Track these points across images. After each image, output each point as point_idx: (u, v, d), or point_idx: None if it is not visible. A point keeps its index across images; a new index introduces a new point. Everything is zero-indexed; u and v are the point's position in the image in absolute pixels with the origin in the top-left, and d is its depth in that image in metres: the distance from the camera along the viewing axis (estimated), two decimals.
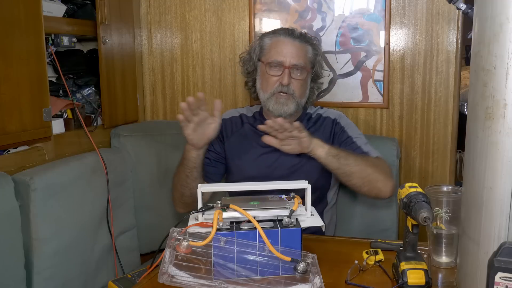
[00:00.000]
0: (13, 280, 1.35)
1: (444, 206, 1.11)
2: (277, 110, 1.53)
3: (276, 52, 1.53)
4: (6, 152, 1.49)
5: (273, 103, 1.53)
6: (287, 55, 1.52)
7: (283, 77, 1.51)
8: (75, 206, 1.55)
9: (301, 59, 1.53)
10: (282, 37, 1.55)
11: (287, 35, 1.55)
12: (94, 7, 1.83)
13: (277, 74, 1.52)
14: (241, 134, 1.62)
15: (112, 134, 1.93)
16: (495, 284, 0.82)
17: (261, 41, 1.59)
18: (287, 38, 1.55)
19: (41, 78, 1.55)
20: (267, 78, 1.54)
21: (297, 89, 1.53)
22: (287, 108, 1.53)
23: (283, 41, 1.54)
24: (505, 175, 0.81)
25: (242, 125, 1.64)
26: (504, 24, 0.78)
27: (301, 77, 1.54)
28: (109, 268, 1.73)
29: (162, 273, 0.98)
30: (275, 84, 1.52)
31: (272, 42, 1.56)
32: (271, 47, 1.55)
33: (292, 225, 1.06)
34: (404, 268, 1.00)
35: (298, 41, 1.55)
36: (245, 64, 1.64)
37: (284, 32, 1.57)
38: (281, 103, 1.52)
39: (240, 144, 1.60)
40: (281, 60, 1.51)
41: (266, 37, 1.59)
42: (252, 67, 1.61)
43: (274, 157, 1.56)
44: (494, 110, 0.81)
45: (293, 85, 1.52)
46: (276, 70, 1.53)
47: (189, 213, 1.13)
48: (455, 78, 1.86)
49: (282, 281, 1.01)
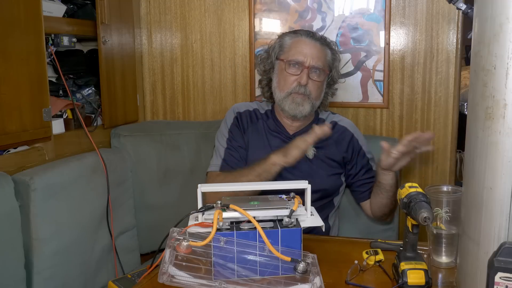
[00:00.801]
0: (13, 280, 1.35)
1: (444, 206, 1.11)
2: (293, 110, 1.53)
3: (297, 52, 1.53)
4: (6, 152, 1.49)
5: (289, 103, 1.53)
6: (307, 55, 1.52)
7: (301, 77, 1.51)
8: (75, 206, 1.55)
9: (321, 61, 1.53)
10: (303, 38, 1.56)
11: (308, 36, 1.56)
12: (94, 7, 1.82)
13: (296, 74, 1.52)
14: (255, 129, 1.62)
15: (112, 134, 1.93)
16: (495, 284, 0.82)
17: (281, 40, 1.59)
18: (308, 39, 1.55)
19: (41, 78, 1.55)
20: (285, 76, 1.53)
21: (314, 90, 1.53)
22: (303, 108, 1.53)
23: (304, 41, 1.55)
24: (505, 175, 0.81)
25: (257, 120, 1.64)
26: (504, 24, 0.78)
27: (319, 79, 1.54)
28: (109, 268, 1.73)
29: (162, 273, 0.98)
30: (293, 84, 1.52)
31: (293, 42, 1.56)
32: (292, 46, 1.55)
33: (292, 225, 1.06)
34: (404, 268, 1.00)
35: (319, 43, 1.55)
36: (262, 62, 1.63)
37: (305, 33, 1.57)
38: (297, 103, 1.52)
39: (255, 139, 1.60)
40: (302, 60, 1.51)
41: (286, 36, 1.59)
42: (269, 66, 1.61)
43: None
44: (494, 110, 0.81)
45: (310, 86, 1.52)
46: (295, 69, 1.52)
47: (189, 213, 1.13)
48: (455, 78, 1.86)
49: (282, 281, 1.01)
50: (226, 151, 1.59)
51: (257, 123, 1.62)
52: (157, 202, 1.94)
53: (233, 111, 1.65)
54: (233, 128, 1.62)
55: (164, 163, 1.94)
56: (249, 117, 1.63)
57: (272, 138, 1.59)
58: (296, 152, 1.37)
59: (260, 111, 1.66)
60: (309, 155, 1.54)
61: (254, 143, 1.59)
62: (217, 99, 2.15)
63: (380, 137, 1.94)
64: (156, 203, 1.94)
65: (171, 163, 1.95)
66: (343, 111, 1.94)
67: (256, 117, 1.64)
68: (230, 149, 1.59)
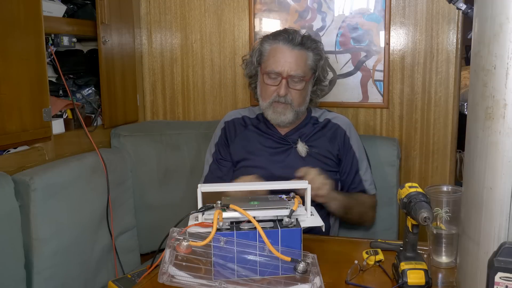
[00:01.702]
0: (13, 280, 1.35)
1: (444, 206, 1.11)
2: (275, 120, 1.53)
3: (274, 62, 1.50)
4: (6, 152, 1.49)
5: (271, 112, 1.53)
6: (285, 65, 1.49)
7: (280, 88, 1.49)
8: (75, 206, 1.55)
9: (300, 69, 1.50)
10: (281, 45, 1.51)
11: (286, 42, 1.51)
12: (94, 7, 1.83)
13: (275, 84, 1.51)
14: (245, 137, 1.62)
15: (112, 134, 1.93)
16: (495, 284, 0.82)
17: (261, 46, 1.57)
18: (286, 46, 1.51)
19: (41, 78, 1.55)
20: (265, 87, 1.53)
21: (296, 98, 1.52)
22: (285, 117, 1.53)
23: (281, 50, 1.51)
24: (505, 175, 0.81)
25: (245, 127, 1.64)
26: (504, 24, 0.78)
27: (299, 87, 1.51)
28: (109, 268, 1.73)
29: (162, 273, 0.98)
30: (273, 94, 1.51)
31: (271, 49, 1.53)
32: (270, 55, 1.53)
33: (292, 225, 1.06)
34: (404, 268, 1.00)
35: (297, 49, 1.51)
36: (247, 67, 1.62)
37: (284, 38, 1.52)
38: (279, 112, 1.52)
39: (244, 147, 1.60)
40: (279, 71, 1.49)
41: (266, 42, 1.56)
42: (253, 71, 1.60)
43: (280, 159, 1.56)
44: (494, 110, 0.81)
45: (291, 95, 1.51)
46: (273, 80, 1.51)
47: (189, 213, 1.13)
48: (455, 78, 1.86)
49: (282, 281, 1.01)
50: (211, 166, 1.63)
51: (245, 131, 1.63)
52: (157, 202, 1.94)
53: (222, 122, 1.68)
54: (220, 142, 1.65)
55: (164, 163, 1.94)
56: (237, 126, 1.64)
57: (265, 140, 1.60)
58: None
59: (250, 116, 1.66)
60: (302, 153, 1.54)
61: (244, 151, 1.60)
62: (217, 99, 2.15)
63: (380, 137, 1.94)
64: (156, 203, 1.94)
65: (171, 163, 1.95)
66: (343, 111, 1.94)
67: (245, 124, 1.65)
68: (215, 163, 1.63)
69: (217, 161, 1.63)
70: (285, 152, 1.57)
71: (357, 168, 1.60)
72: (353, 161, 1.60)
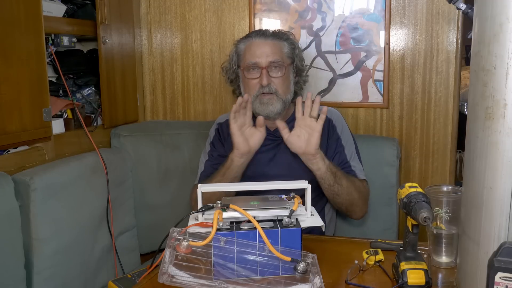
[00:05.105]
0: (13, 280, 1.35)
1: (444, 206, 1.11)
2: (263, 111, 1.53)
3: (251, 55, 1.53)
4: (6, 152, 1.49)
5: (258, 105, 1.53)
6: (261, 55, 1.52)
7: (261, 78, 1.51)
8: (75, 206, 1.55)
9: (277, 55, 1.53)
10: (254, 39, 1.56)
11: (258, 36, 1.56)
12: (94, 7, 1.83)
13: (256, 77, 1.52)
14: None
15: (112, 134, 1.93)
16: (495, 284, 0.82)
17: (236, 48, 1.60)
18: (259, 39, 1.55)
19: (41, 78, 1.55)
20: (248, 82, 1.55)
21: (279, 86, 1.53)
22: (273, 107, 1.53)
23: (255, 43, 1.55)
24: (505, 175, 0.81)
25: None
26: (504, 24, 0.78)
27: (280, 73, 1.53)
28: (109, 268, 1.73)
29: (162, 273, 0.98)
30: (256, 87, 1.52)
31: (246, 46, 1.57)
32: (246, 51, 1.56)
33: (292, 225, 1.06)
34: (404, 268, 1.00)
35: (270, 39, 1.55)
36: (227, 73, 1.65)
37: (256, 33, 1.57)
38: (265, 103, 1.52)
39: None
40: (256, 61, 1.52)
41: (240, 43, 1.60)
42: (233, 75, 1.62)
43: (270, 155, 1.56)
44: (494, 110, 0.81)
45: (274, 84, 1.52)
46: (254, 72, 1.53)
47: (189, 213, 1.13)
48: (455, 78, 1.86)
49: (282, 281, 1.01)
50: (206, 163, 1.64)
51: None
52: (157, 202, 1.94)
53: (215, 124, 1.70)
54: (215, 140, 1.66)
55: (164, 163, 1.94)
56: (229, 127, 1.64)
57: None
58: (236, 138, 1.43)
59: None
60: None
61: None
62: (217, 99, 2.15)
63: (380, 137, 1.94)
64: (156, 203, 1.94)
65: (171, 163, 1.95)
66: (343, 111, 1.94)
67: None
68: (210, 160, 1.63)
69: (213, 157, 1.63)
70: (275, 148, 1.58)
71: (343, 152, 1.58)
72: (338, 144, 1.58)
